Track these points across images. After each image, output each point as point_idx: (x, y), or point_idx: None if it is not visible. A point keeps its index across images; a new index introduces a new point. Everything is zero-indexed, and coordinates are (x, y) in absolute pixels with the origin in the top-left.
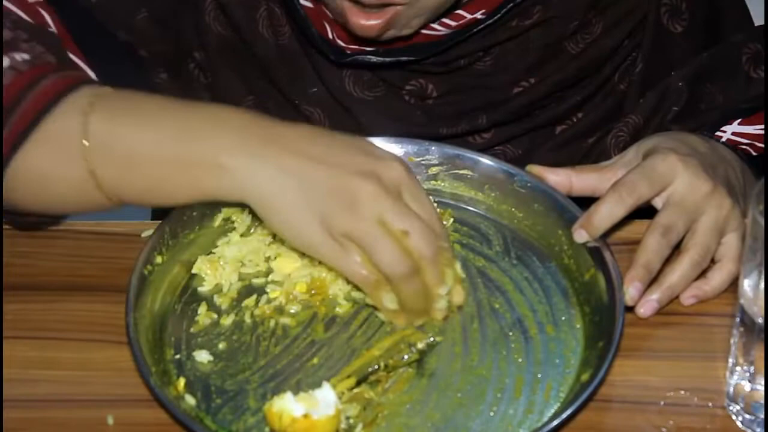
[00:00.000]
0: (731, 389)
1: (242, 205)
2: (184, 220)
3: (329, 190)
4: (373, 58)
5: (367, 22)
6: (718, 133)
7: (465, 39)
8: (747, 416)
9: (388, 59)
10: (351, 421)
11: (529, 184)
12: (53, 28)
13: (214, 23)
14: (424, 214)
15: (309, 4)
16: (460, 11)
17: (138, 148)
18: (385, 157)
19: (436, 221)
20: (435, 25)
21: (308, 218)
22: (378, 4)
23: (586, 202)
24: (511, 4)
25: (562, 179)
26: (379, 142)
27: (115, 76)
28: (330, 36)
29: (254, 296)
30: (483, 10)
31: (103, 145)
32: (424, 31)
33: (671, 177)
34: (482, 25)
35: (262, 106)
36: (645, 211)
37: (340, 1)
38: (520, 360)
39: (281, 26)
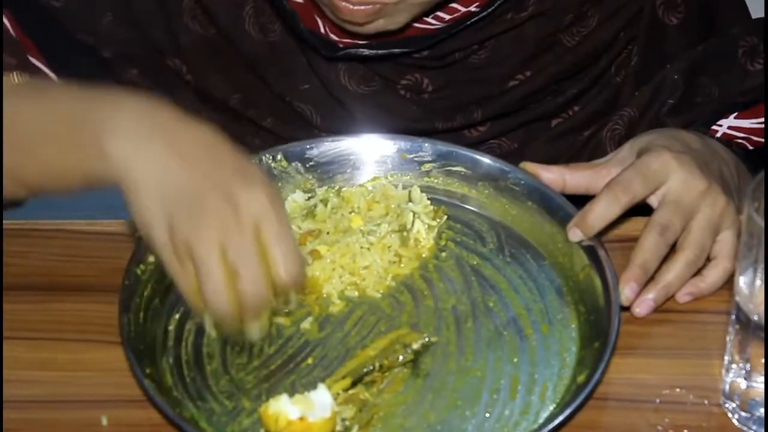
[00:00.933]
0: (727, 387)
1: None
2: None
3: (186, 197)
4: (366, 51)
5: (351, 8)
6: (714, 127)
7: (459, 32)
8: (743, 414)
9: (380, 51)
10: (347, 422)
11: (522, 182)
12: (12, 33)
13: (193, 23)
14: (281, 255)
15: (299, 0)
16: (454, 4)
17: (33, 131)
18: (255, 186)
19: (294, 264)
20: (429, 19)
21: (159, 217)
22: (367, 1)
23: (580, 199)
24: None
25: (555, 177)
26: (372, 138)
27: (80, 78)
28: (322, 30)
29: None
30: (477, 3)
31: (7, 128)
32: (417, 25)
33: (666, 175)
34: (476, 18)
35: (251, 102)
36: (639, 209)
37: None
38: (515, 360)
39: (271, 23)
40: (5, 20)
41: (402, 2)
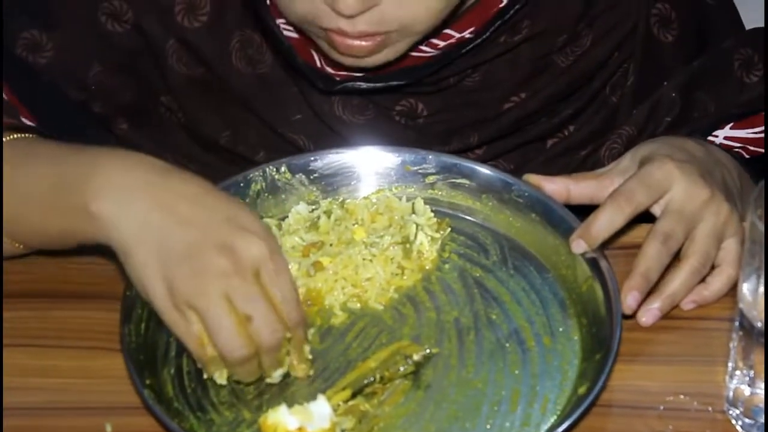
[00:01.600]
0: (731, 393)
1: None
2: None
3: (183, 256)
4: (363, 84)
5: (353, 42)
6: (710, 138)
7: (455, 59)
8: (747, 420)
9: (379, 84)
10: None
11: (526, 194)
12: (4, 96)
13: (178, 64)
14: (280, 297)
15: (294, 35)
16: (448, 30)
17: (18, 195)
18: (250, 231)
19: (292, 305)
20: (423, 47)
21: (156, 279)
22: (366, 34)
23: (583, 209)
24: (500, 22)
25: (559, 188)
26: (376, 151)
27: (72, 135)
28: (318, 64)
29: None
30: (472, 29)
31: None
32: (412, 53)
33: (668, 184)
34: (471, 45)
35: (242, 137)
36: (642, 216)
37: (328, 32)
38: (516, 372)
39: (259, 54)
40: None
41: (401, 31)
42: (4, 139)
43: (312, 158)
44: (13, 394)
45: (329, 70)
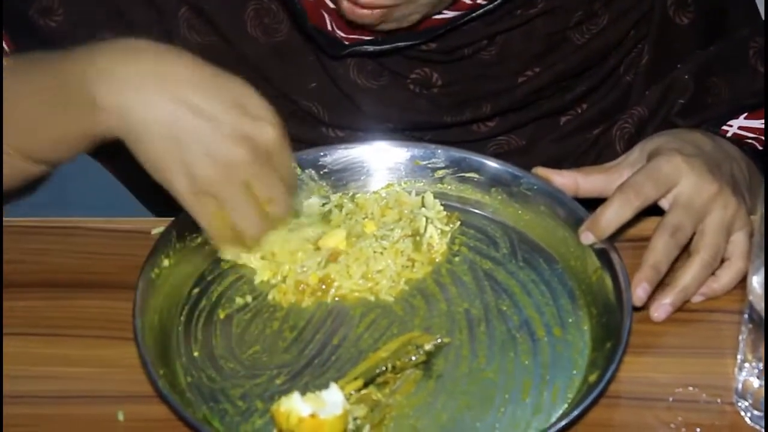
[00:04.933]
0: (740, 385)
1: None
2: (191, 223)
3: (200, 145)
4: (370, 48)
5: (362, 11)
6: (724, 128)
7: (466, 24)
8: (756, 412)
9: (385, 46)
10: (358, 422)
11: (535, 187)
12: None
13: (191, 33)
14: (286, 177)
15: None
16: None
17: (25, 103)
18: (261, 118)
19: (292, 182)
20: (437, 16)
21: (176, 166)
22: (374, 6)
23: (591, 202)
24: None
25: (568, 181)
26: (385, 145)
27: None
28: (329, 27)
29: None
30: None
31: (5, 108)
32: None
33: (677, 178)
34: (482, 10)
35: None
36: (650, 209)
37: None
38: (527, 362)
39: (276, 23)
40: (4, 44)
41: (410, 4)
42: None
43: (321, 153)
44: (26, 383)
45: (339, 33)
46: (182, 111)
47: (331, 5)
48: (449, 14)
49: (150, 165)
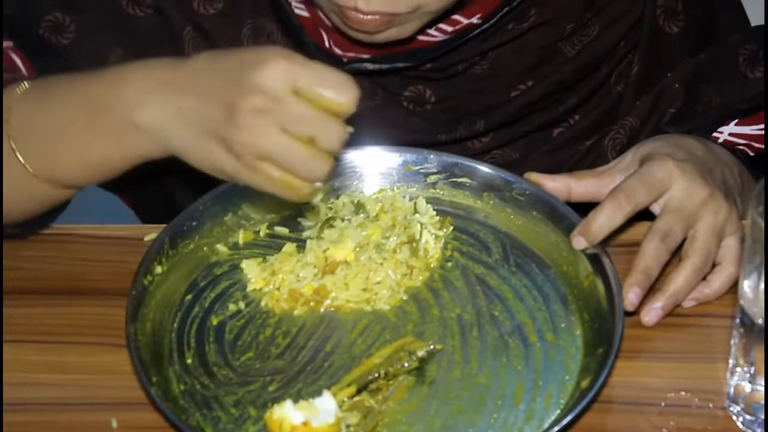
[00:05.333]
0: (732, 390)
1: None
2: (183, 230)
3: (226, 120)
4: (370, 65)
5: (365, 17)
6: (715, 134)
7: (462, 44)
8: (747, 417)
9: (385, 66)
10: (351, 429)
11: (527, 192)
12: (24, 72)
13: (194, 52)
14: (330, 93)
15: (305, 13)
16: (456, 16)
17: (58, 127)
18: (262, 61)
19: (346, 90)
20: (431, 31)
21: (220, 154)
22: (378, 13)
23: (584, 206)
24: (507, 8)
25: (560, 186)
26: (377, 151)
27: None
28: (327, 44)
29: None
30: (479, 15)
31: (24, 131)
32: (420, 37)
33: (668, 183)
34: (478, 30)
35: None
36: (642, 214)
37: (342, 8)
38: (519, 367)
39: (272, 43)
40: (17, 59)
41: (413, 12)
42: (20, 88)
43: None
44: (20, 390)
45: (337, 50)
46: (200, 99)
47: (329, 23)
48: (441, 36)
49: (204, 166)
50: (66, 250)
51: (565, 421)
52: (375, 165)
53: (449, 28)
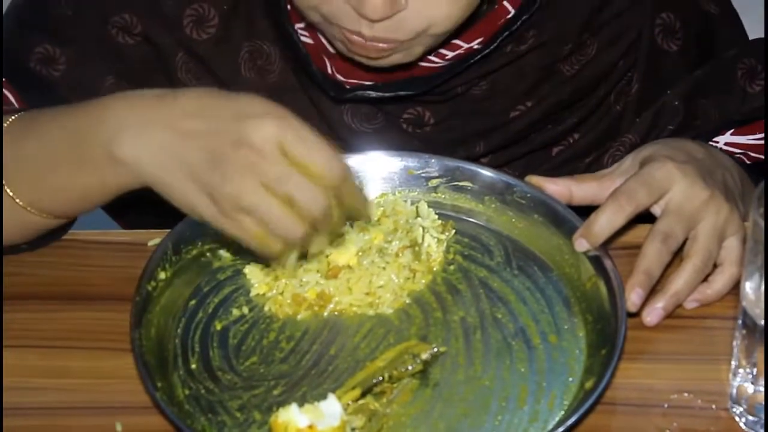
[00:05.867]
0: (734, 391)
1: None
2: (186, 235)
3: (209, 166)
4: (373, 93)
5: (369, 43)
6: (710, 143)
7: (463, 70)
8: (750, 418)
9: (387, 94)
10: None
11: (528, 195)
12: (16, 105)
13: (188, 77)
14: (316, 162)
15: (308, 40)
16: (456, 41)
17: (39, 161)
18: (257, 115)
19: (328, 163)
20: (432, 57)
21: (199, 197)
22: (381, 40)
23: (585, 210)
24: (507, 32)
25: (561, 189)
26: (379, 155)
27: None
28: (329, 71)
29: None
30: (480, 39)
31: (11, 164)
32: (421, 63)
33: (669, 184)
34: (479, 56)
35: None
36: (644, 217)
37: (346, 33)
38: (523, 369)
39: (270, 64)
40: (9, 94)
41: (416, 38)
42: (8, 121)
43: None
44: (24, 395)
45: (339, 77)
46: (186, 141)
47: (332, 50)
48: (441, 62)
49: (181, 204)
50: (69, 255)
51: (569, 422)
52: (376, 169)
53: (449, 54)
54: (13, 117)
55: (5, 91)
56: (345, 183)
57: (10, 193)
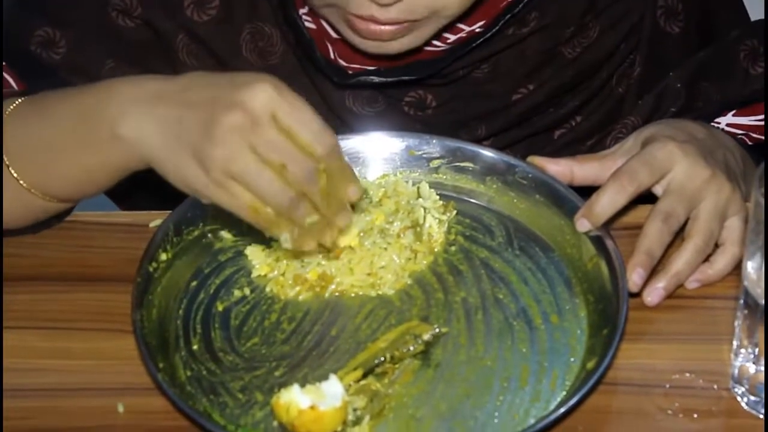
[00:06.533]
0: (736, 371)
1: None
2: (187, 216)
3: (202, 133)
4: (376, 79)
5: (379, 27)
6: (712, 124)
7: (465, 54)
8: (752, 397)
9: (390, 79)
10: (358, 412)
11: (530, 175)
12: (15, 87)
13: (189, 58)
14: (306, 133)
15: (311, 25)
16: (459, 24)
17: (46, 142)
18: (251, 83)
19: (318, 134)
20: (434, 41)
21: (193, 167)
22: (395, 22)
23: (587, 190)
24: (509, 15)
25: (563, 169)
26: (380, 136)
27: None
28: (332, 56)
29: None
30: (482, 22)
31: (16, 146)
32: (424, 48)
33: (670, 164)
34: (481, 39)
35: None
36: (646, 197)
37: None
38: (524, 350)
39: (271, 46)
40: (8, 77)
41: (429, 17)
42: (14, 104)
43: None
44: (25, 376)
45: (341, 62)
46: (181, 112)
47: (335, 35)
48: (444, 45)
49: (176, 179)
50: (71, 237)
51: (571, 403)
52: (377, 150)
53: (452, 37)
54: (19, 99)
55: (6, 76)
56: (333, 157)
57: (15, 174)
